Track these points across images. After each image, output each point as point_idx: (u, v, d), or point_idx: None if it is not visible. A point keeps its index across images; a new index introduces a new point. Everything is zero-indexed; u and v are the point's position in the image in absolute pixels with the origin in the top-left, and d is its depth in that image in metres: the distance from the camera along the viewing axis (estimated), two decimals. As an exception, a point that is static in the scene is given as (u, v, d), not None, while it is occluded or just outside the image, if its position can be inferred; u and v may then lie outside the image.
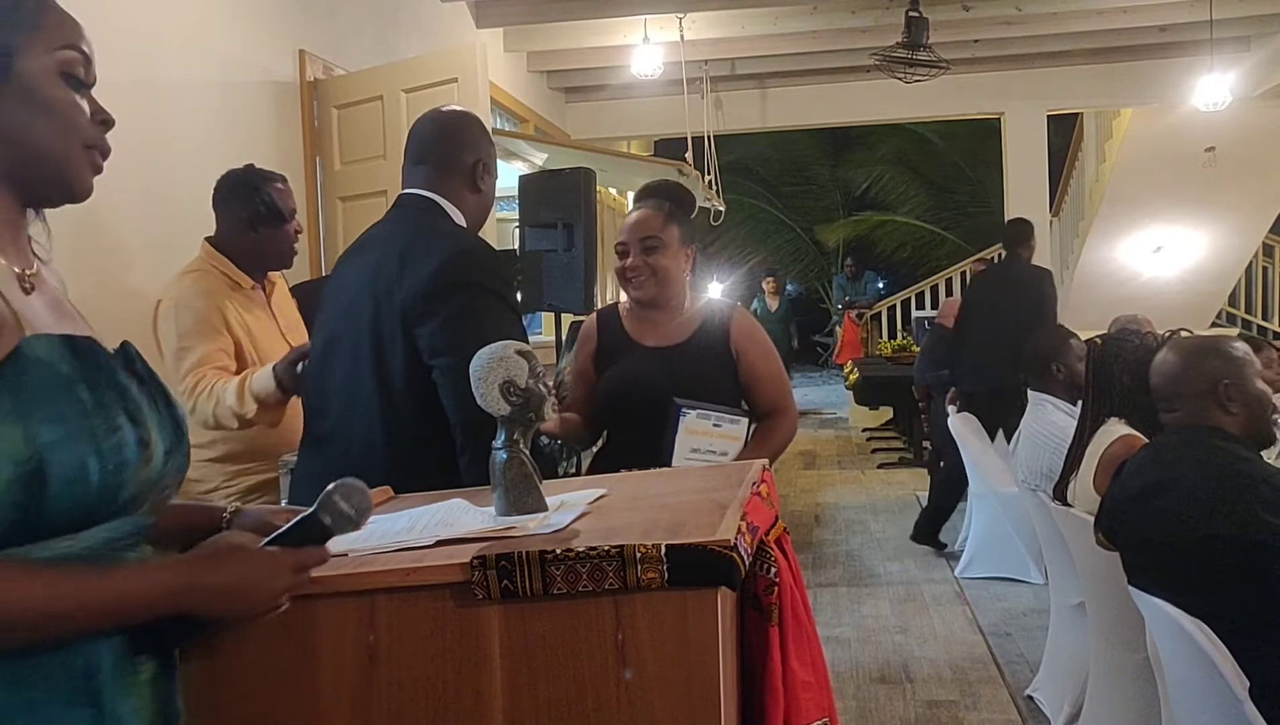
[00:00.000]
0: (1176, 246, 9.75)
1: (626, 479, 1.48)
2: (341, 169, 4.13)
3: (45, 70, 1.09)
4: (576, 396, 2.58)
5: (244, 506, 1.35)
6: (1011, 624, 4.49)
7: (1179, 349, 2.38)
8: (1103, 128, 9.58)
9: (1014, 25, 7.08)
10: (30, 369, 1.03)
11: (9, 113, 1.07)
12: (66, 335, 1.09)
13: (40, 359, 1.05)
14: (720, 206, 8.68)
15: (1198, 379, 2.29)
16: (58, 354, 1.06)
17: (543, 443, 1.21)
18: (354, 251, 2.16)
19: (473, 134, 2.15)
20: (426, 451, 1.90)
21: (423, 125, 2.15)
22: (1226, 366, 2.28)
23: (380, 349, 1.96)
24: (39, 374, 1.04)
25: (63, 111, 1.10)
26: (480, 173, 2.12)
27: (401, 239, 2.03)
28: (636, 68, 7.05)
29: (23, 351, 1.04)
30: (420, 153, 2.11)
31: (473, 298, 1.92)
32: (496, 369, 1.30)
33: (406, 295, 1.92)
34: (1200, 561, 2.15)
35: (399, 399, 1.94)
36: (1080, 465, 2.95)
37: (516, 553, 1.08)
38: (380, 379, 1.96)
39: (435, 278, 1.92)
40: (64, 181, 1.12)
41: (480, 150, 2.14)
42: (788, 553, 1.28)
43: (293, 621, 1.12)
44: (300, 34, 4.10)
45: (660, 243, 2.47)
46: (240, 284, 2.69)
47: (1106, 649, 2.88)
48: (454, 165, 2.10)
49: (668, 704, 1.06)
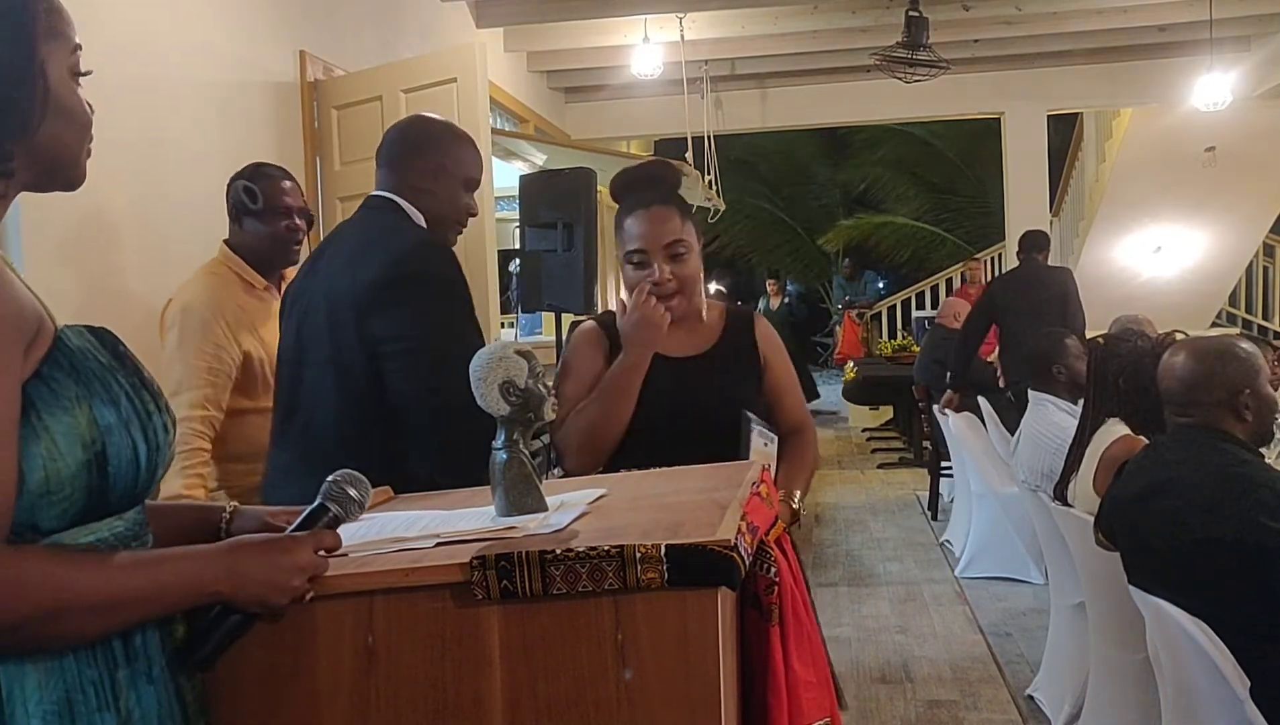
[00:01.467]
0: (1176, 246, 9.75)
1: (626, 479, 1.48)
2: (342, 169, 4.13)
3: (64, 75, 1.10)
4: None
5: (242, 507, 1.35)
6: (1012, 624, 4.49)
7: (1195, 353, 2.33)
8: (1102, 127, 9.59)
9: (1014, 25, 7.07)
10: (76, 356, 1.06)
11: (48, 127, 1.07)
12: (89, 325, 1.12)
13: (80, 347, 1.08)
14: (720, 206, 8.68)
15: (1218, 387, 2.26)
16: (90, 343, 1.09)
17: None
18: (317, 252, 2.24)
19: (431, 137, 2.21)
20: (394, 446, 1.94)
21: (390, 131, 2.26)
22: (1246, 374, 2.26)
23: (338, 345, 2.02)
24: (85, 361, 1.06)
25: (80, 113, 1.12)
26: (431, 173, 2.17)
27: (356, 236, 2.13)
28: (636, 68, 7.05)
29: (63, 341, 1.06)
30: (383, 156, 2.21)
31: (421, 290, 1.98)
32: (496, 369, 1.30)
33: (358, 289, 1.98)
34: (1199, 563, 2.15)
35: (361, 394, 2.00)
36: (1080, 466, 2.95)
37: (516, 553, 1.08)
38: (339, 374, 2.02)
39: (384, 271, 1.98)
40: (72, 177, 1.14)
41: (441, 153, 2.19)
42: (788, 552, 1.28)
43: (291, 622, 1.12)
44: (300, 34, 4.10)
45: (686, 247, 2.11)
46: (254, 285, 2.69)
47: (1107, 649, 2.88)
48: (410, 167, 2.16)
49: (667, 704, 1.06)
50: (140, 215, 3.07)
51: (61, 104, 1.08)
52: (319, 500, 1.21)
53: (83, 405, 1.03)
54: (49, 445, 1.00)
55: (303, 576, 1.10)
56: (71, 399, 1.03)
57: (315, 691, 1.13)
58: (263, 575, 1.07)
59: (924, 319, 10.34)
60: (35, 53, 1.05)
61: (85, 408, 1.03)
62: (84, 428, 1.02)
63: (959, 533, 5.67)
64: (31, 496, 1.00)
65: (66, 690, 1.02)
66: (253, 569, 1.07)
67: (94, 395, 1.04)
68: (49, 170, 1.10)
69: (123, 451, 1.05)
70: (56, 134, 1.08)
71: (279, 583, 1.08)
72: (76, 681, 1.03)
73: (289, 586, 1.09)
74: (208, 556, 1.09)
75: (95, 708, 1.04)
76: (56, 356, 1.04)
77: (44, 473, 1.00)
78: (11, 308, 1.01)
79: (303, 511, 1.22)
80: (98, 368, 1.07)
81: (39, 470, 1.00)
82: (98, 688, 1.04)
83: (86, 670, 1.04)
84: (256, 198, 2.66)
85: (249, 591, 1.07)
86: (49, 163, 1.09)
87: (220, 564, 1.07)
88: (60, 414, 1.02)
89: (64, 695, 1.02)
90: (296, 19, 4.09)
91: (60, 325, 1.08)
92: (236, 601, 1.07)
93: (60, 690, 1.02)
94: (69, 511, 1.03)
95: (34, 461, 0.99)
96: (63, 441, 1.01)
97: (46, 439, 1.00)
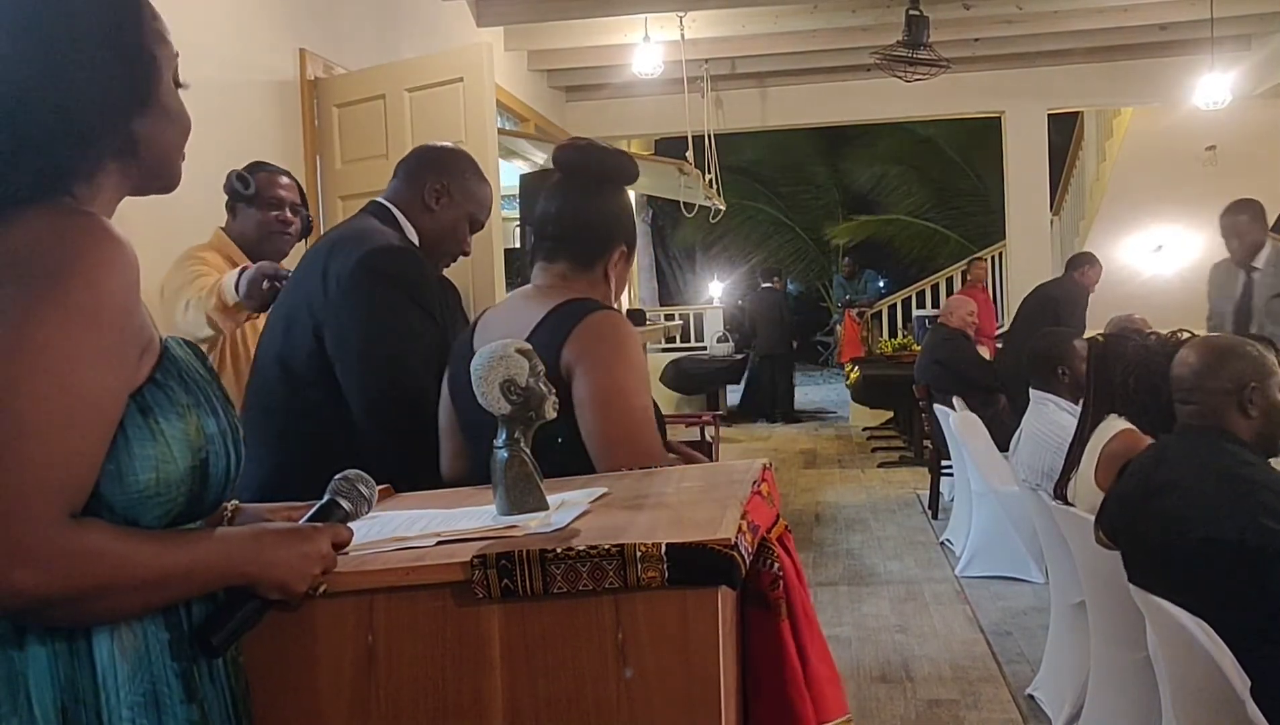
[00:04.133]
0: (1177, 245, 9.76)
1: (626, 478, 1.48)
2: (342, 168, 4.13)
3: (169, 79, 1.13)
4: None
5: (243, 505, 1.36)
6: (1012, 623, 4.49)
7: (1209, 346, 2.37)
8: (1103, 126, 9.59)
9: (1014, 24, 7.08)
10: (181, 366, 1.10)
11: (151, 129, 1.10)
12: (181, 338, 1.16)
13: (183, 358, 1.12)
14: (721, 205, 8.67)
15: (1225, 376, 2.28)
16: (189, 354, 1.14)
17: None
18: (309, 250, 2.29)
19: (452, 163, 2.24)
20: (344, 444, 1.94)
21: (417, 147, 2.32)
22: (1255, 371, 2.28)
23: (290, 338, 2.06)
24: (189, 372, 1.11)
25: (186, 119, 1.15)
26: (437, 194, 2.19)
27: (337, 235, 2.16)
28: (637, 67, 7.05)
29: (169, 351, 1.10)
30: (400, 167, 2.26)
31: (384, 292, 1.99)
32: (497, 368, 1.30)
33: (329, 285, 2.00)
34: (1200, 563, 2.15)
35: (304, 388, 2.03)
36: (1080, 462, 2.95)
37: (517, 552, 1.08)
38: (283, 366, 2.06)
39: (352, 268, 1.99)
40: (170, 178, 1.16)
41: (455, 179, 2.21)
42: (790, 551, 1.28)
43: (291, 621, 1.12)
44: (301, 33, 4.10)
45: None
46: (239, 265, 2.76)
47: (1107, 648, 2.88)
48: (422, 183, 2.20)
49: (668, 703, 1.06)
50: (139, 214, 3.06)
51: (168, 104, 1.12)
52: (329, 497, 1.23)
53: (192, 414, 1.07)
54: (163, 449, 1.04)
55: (322, 565, 1.12)
56: (184, 407, 1.07)
57: (316, 690, 1.13)
58: (287, 560, 1.09)
59: (924, 318, 10.34)
60: (145, 38, 1.09)
61: (194, 416, 1.08)
62: (193, 435, 1.07)
63: (959, 532, 5.67)
64: (141, 494, 1.03)
65: (153, 682, 1.05)
66: (278, 554, 1.09)
67: (199, 405, 1.09)
68: (154, 168, 1.13)
69: (219, 460, 1.10)
70: (163, 131, 1.12)
71: (302, 569, 1.10)
72: (163, 674, 1.05)
73: (310, 573, 1.10)
74: (238, 538, 1.11)
75: (180, 699, 1.06)
76: (167, 365, 1.08)
77: (155, 474, 1.03)
78: (136, 315, 1.04)
79: (307, 508, 1.23)
80: (199, 379, 1.12)
81: (151, 471, 1.03)
82: (181, 679, 1.07)
83: (171, 663, 1.06)
84: (249, 185, 2.74)
85: (273, 575, 1.08)
86: (155, 160, 1.12)
87: (250, 546, 1.09)
88: (175, 420, 1.06)
89: (151, 688, 1.04)
90: (297, 17, 4.09)
91: (164, 336, 1.11)
92: (260, 585, 1.08)
93: (148, 683, 1.04)
94: (170, 513, 1.06)
95: (147, 462, 1.03)
96: (175, 447, 1.05)
97: (162, 443, 1.04)
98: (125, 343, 1.02)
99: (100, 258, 0.99)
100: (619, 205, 1.83)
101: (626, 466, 1.54)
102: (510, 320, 1.73)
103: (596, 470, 1.56)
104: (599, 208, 1.79)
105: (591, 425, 1.59)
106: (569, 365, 1.61)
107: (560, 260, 1.77)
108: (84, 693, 1.00)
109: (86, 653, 1.01)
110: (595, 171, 1.80)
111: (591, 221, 1.78)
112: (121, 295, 1.01)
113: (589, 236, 1.77)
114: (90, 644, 1.01)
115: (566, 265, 1.77)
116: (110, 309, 1.00)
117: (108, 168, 1.08)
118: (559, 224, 1.78)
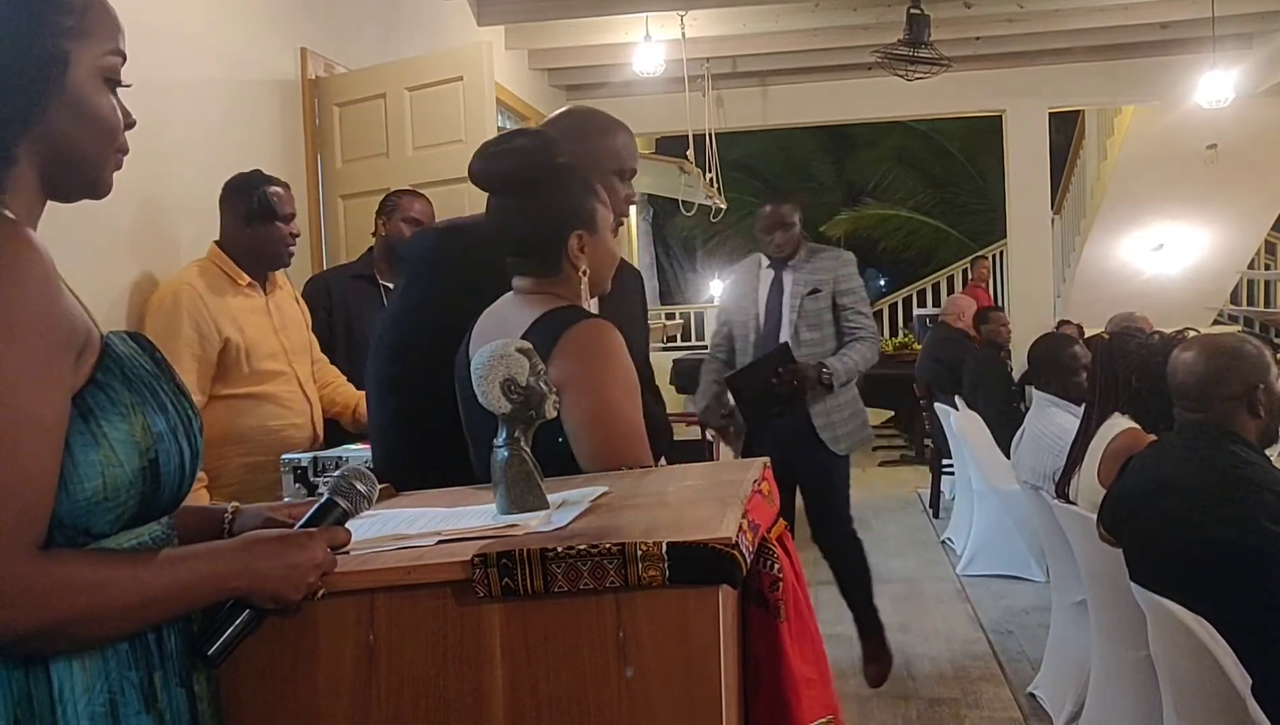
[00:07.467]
0: (1178, 244, 9.75)
1: (627, 477, 1.48)
2: (343, 167, 4.13)
3: (92, 77, 1.08)
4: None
5: (243, 506, 1.35)
6: (1013, 622, 4.49)
7: (1208, 349, 2.33)
8: (1104, 125, 9.58)
9: (1015, 23, 7.07)
10: (125, 363, 1.07)
11: (59, 122, 1.06)
12: (127, 331, 1.13)
13: (126, 354, 1.08)
14: (721, 204, 8.67)
15: (1234, 381, 2.25)
16: (133, 349, 1.10)
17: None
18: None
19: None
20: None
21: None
22: (1259, 370, 2.26)
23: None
24: (134, 368, 1.07)
25: (106, 119, 1.10)
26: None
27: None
28: (638, 65, 7.04)
29: (110, 348, 1.07)
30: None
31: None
32: (497, 367, 1.30)
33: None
34: (1200, 563, 2.15)
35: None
36: (1083, 460, 2.95)
37: (517, 550, 1.08)
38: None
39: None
40: (94, 183, 1.12)
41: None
42: (789, 550, 1.28)
43: (291, 620, 1.11)
44: (301, 32, 4.09)
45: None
46: (237, 281, 2.87)
47: (1108, 646, 2.88)
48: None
49: (668, 702, 1.06)
50: (140, 213, 3.07)
51: (80, 102, 1.07)
52: (326, 496, 1.21)
53: (137, 413, 1.04)
54: (107, 453, 1.01)
55: (317, 572, 1.10)
56: (127, 407, 1.04)
57: (316, 689, 1.12)
58: (279, 571, 1.07)
59: (925, 317, 10.34)
60: (44, 38, 1.04)
61: (139, 415, 1.04)
62: (139, 435, 1.04)
63: (960, 530, 5.67)
64: (89, 502, 1.00)
65: (110, 692, 1.03)
66: (269, 565, 1.07)
67: (145, 403, 1.06)
68: (61, 170, 1.08)
69: (171, 457, 1.07)
70: (69, 131, 1.07)
71: (295, 579, 1.08)
72: (119, 684, 1.04)
73: (304, 582, 1.09)
74: (226, 553, 1.09)
75: (137, 710, 1.05)
76: (108, 364, 1.05)
77: (102, 479, 1.01)
78: (62, 317, 1.00)
79: (308, 507, 1.22)
80: (145, 375, 1.08)
81: (97, 477, 1.01)
82: (138, 689, 1.05)
83: (128, 672, 1.05)
84: (267, 205, 2.87)
85: (265, 588, 1.07)
86: (61, 162, 1.08)
87: (238, 560, 1.07)
88: (118, 421, 1.03)
89: (109, 698, 1.03)
90: (297, 16, 4.09)
91: (104, 332, 1.08)
92: (252, 597, 1.07)
93: (105, 693, 1.03)
94: (122, 517, 1.04)
95: (92, 468, 1.00)
96: (121, 449, 1.02)
97: (105, 446, 1.01)
98: (55, 347, 0.98)
99: (5, 263, 0.95)
100: (551, 197, 1.70)
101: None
102: (501, 327, 1.71)
103: None
104: (531, 212, 1.70)
105: (583, 447, 1.59)
106: (557, 385, 1.59)
107: (527, 273, 1.73)
108: (40, 706, 0.99)
109: (42, 664, 0.99)
110: (510, 176, 1.70)
111: (528, 230, 1.70)
112: (40, 298, 0.97)
113: (535, 243, 1.71)
114: (45, 657, 0.99)
115: (534, 276, 1.73)
116: (32, 315, 0.96)
117: (20, 162, 1.05)
118: (505, 243, 1.73)
